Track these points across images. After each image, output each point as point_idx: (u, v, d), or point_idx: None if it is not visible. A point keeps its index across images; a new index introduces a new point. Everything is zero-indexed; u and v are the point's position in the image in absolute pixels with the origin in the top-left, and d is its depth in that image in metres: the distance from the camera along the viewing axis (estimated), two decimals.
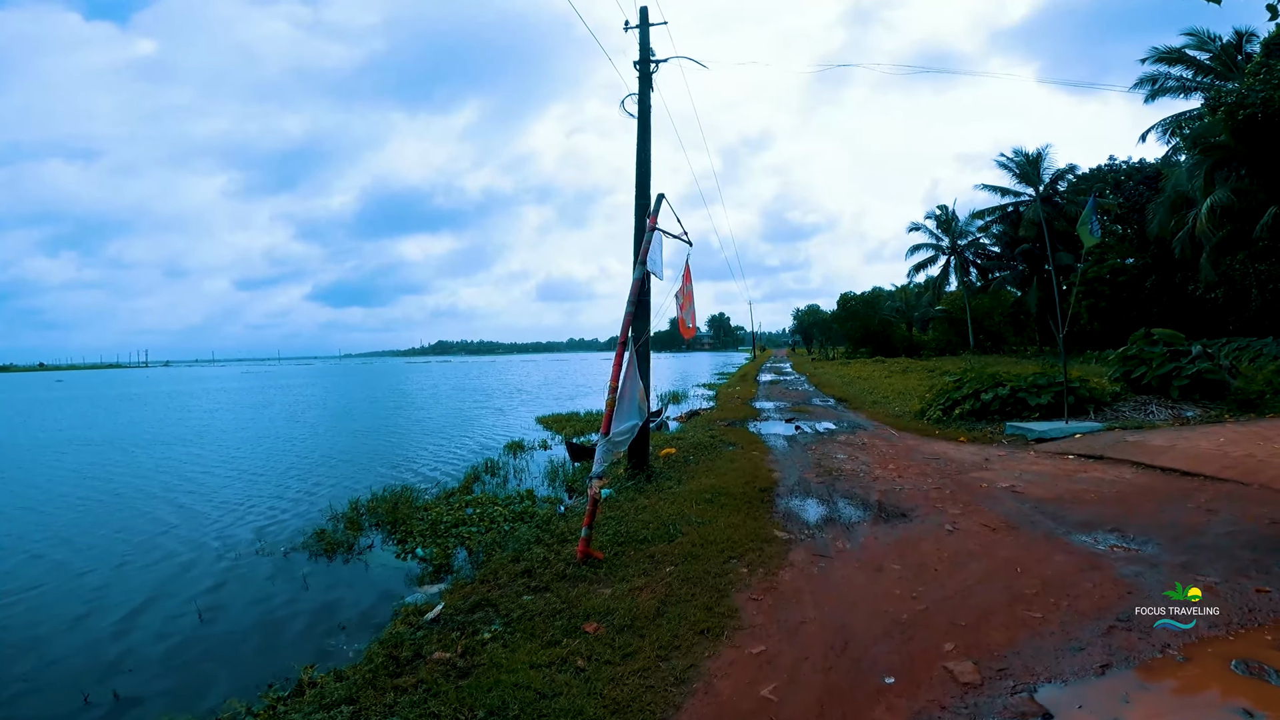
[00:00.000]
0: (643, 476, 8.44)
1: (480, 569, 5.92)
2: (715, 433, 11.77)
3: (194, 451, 16.42)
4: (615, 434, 5.49)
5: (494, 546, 6.67)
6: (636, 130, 9.78)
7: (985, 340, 43.90)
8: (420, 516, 8.22)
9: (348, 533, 7.93)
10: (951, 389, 11.98)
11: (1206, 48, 25.99)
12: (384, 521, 8.22)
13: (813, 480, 7.76)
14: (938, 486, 7.32)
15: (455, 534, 7.49)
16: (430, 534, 7.54)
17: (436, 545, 7.08)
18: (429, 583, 6.23)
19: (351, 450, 15.74)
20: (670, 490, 7.60)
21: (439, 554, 6.80)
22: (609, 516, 6.73)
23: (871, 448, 9.81)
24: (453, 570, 6.50)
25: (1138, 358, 12.37)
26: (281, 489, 11.22)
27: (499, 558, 5.95)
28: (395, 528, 7.94)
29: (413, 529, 7.75)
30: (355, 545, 7.52)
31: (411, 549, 7.16)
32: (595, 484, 5.41)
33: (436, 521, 7.91)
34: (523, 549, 6.10)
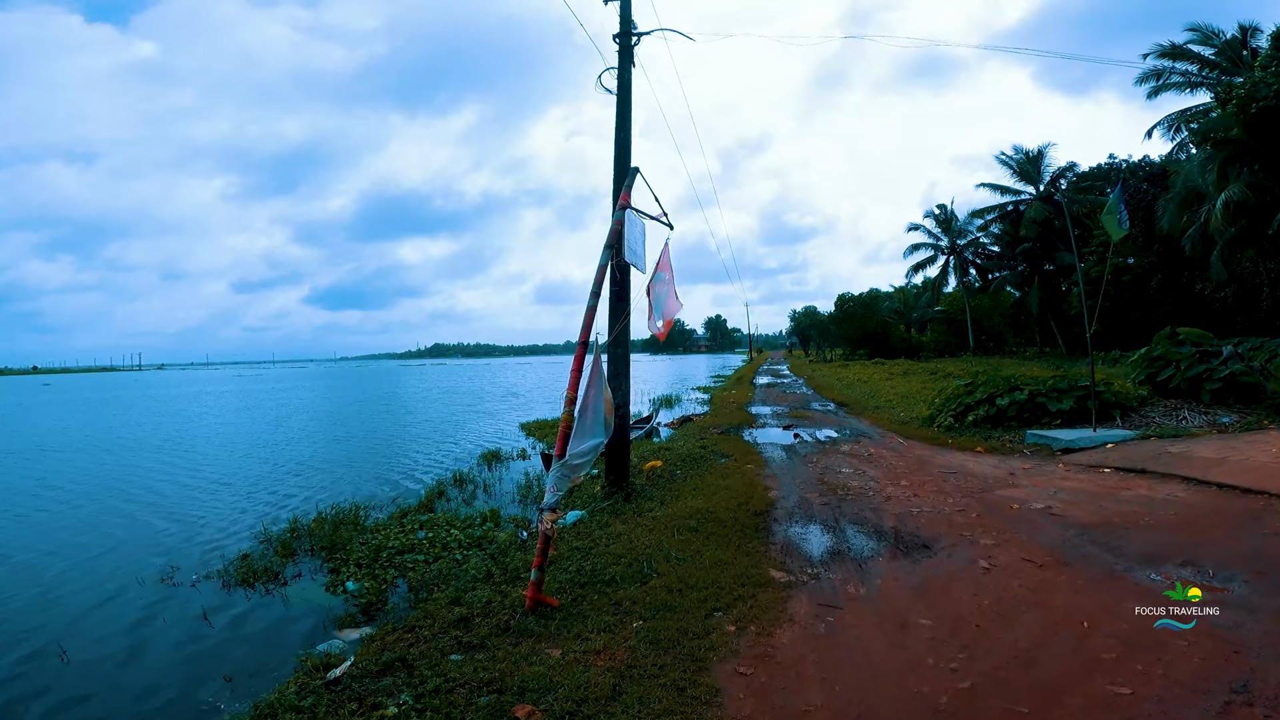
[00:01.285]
0: (620, 496, 7.41)
1: (415, 610, 4.95)
2: (707, 442, 10.74)
3: (164, 459, 15.64)
4: (573, 456, 4.46)
5: (439, 580, 5.71)
6: (615, 108, 8.79)
7: (988, 341, 43.04)
8: (365, 540, 7.21)
9: (278, 559, 6.98)
10: (963, 393, 10.98)
11: (1211, 43, 25.29)
12: (322, 546, 7.20)
13: (815, 501, 6.73)
14: (961, 508, 6.30)
15: (399, 563, 6.52)
16: (369, 563, 6.57)
17: (372, 578, 6.14)
18: (352, 625, 5.27)
19: (328, 458, 15.00)
20: (651, 514, 6.56)
21: (372, 589, 5.84)
22: (574, 548, 5.71)
23: (879, 459, 8.80)
24: (386, 608, 5.56)
25: (1164, 359, 11.40)
26: (246, 501, 10.45)
27: (437, 598, 4.98)
28: (333, 554, 6.94)
29: (350, 556, 6.76)
30: (282, 574, 6.58)
31: (343, 581, 6.15)
32: (547, 517, 4.37)
33: (380, 547, 6.90)
34: (467, 587, 5.12)
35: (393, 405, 32.14)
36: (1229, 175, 19.72)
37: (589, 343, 4.60)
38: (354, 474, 12.65)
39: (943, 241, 41.46)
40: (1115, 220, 8.86)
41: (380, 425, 22.01)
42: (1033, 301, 35.79)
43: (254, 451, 16.50)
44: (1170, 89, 26.55)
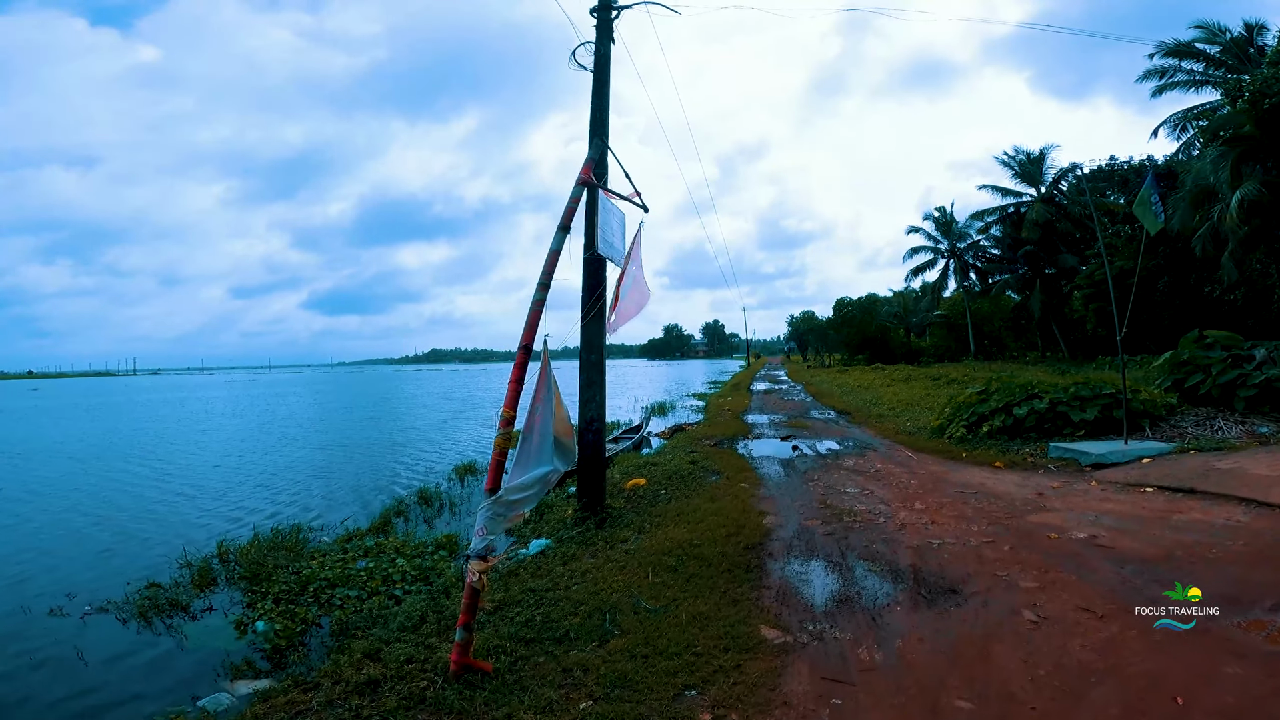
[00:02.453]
0: (594, 522, 6.46)
1: (326, 660, 4.14)
2: (698, 456, 9.79)
3: (132, 468, 14.93)
4: (510, 490, 3.52)
5: (366, 624, 4.83)
6: (591, 87, 7.89)
7: (990, 346, 42.21)
8: (297, 569, 6.29)
9: (192, 588, 6.16)
10: (976, 402, 10.06)
11: (1217, 40, 24.71)
12: (244, 576, 6.31)
13: (818, 530, 5.78)
14: (989, 538, 5.36)
15: (327, 599, 5.62)
16: (293, 598, 5.67)
17: (289, 617, 5.23)
18: (251, 675, 4.41)
19: (303, 468, 14.24)
20: (626, 545, 5.62)
21: (285, 630, 4.97)
22: (528, 589, 4.76)
23: (888, 476, 7.86)
24: (300, 655, 4.70)
25: (1192, 364, 10.51)
26: (201, 515, 9.74)
27: (353, 649, 4.08)
28: (255, 585, 6.04)
29: (272, 589, 5.82)
30: (191, 607, 5.78)
31: (255, 620, 5.26)
32: (473, 567, 3.42)
33: (311, 579, 6.00)
34: (390, 636, 4.25)
35: (381, 412, 31.42)
36: (1242, 173, 19.00)
37: (531, 348, 3.66)
38: (325, 486, 11.87)
39: (942, 244, 40.70)
40: (1150, 212, 7.98)
41: (364, 433, 21.29)
42: (1034, 305, 34.97)
43: (226, 460, 15.84)
44: (1175, 87, 25.94)
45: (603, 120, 7.66)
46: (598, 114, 7.67)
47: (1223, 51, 24.51)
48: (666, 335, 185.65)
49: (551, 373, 3.86)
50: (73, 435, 23.21)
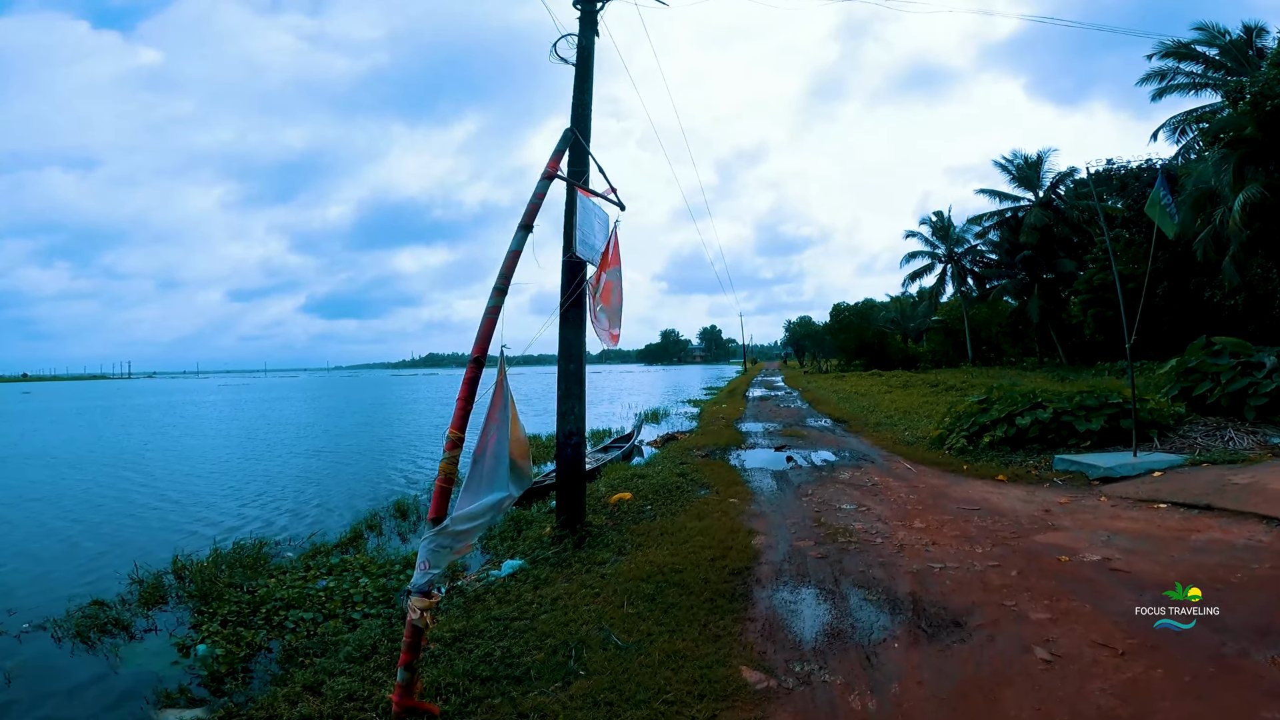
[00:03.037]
0: (572, 541, 6.05)
1: (266, 690, 3.82)
2: (687, 468, 9.39)
3: (111, 474, 14.54)
4: (458, 520, 3.13)
5: (320, 649, 4.52)
6: (574, 81, 7.53)
7: (988, 352, 41.93)
8: (251, 587, 5.93)
9: (138, 606, 5.80)
10: (977, 411, 9.67)
11: (1216, 42, 24.52)
12: (193, 594, 5.95)
13: (810, 552, 5.37)
14: (995, 561, 4.96)
15: (280, 621, 5.23)
16: (243, 619, 5.29)
17: (233, 641, 4.85)
18: (183, 704, 4.08)
19: (289, 475, 13.81)
20: (603, 569, 5.22)
21: (227, 655, 4.60)
22: (493, 617, 4.37)
23: (886, 491, 7.46)
24: (247, 678, 4.37)
25: (1199, 371, 10.14)
26: (180, 524, 9.38)
27: (294, 680, 3.75)
28: (207, 603, 5.67)
29: (222, 609, 5.46)
30: (133, 626, 5.41)
31: (197, 642, 4.91)
32: (415, 603, 3.02)
33: (266, 598, 5.61)
34: (336, 668, 3.91)
35: (373, 417, 31.04)
36: (1245, 175, 18.73)
37: (483, 359, 3.27)
38: (300, 496, 11.49)
39: (940, 249, 40.44)
40: (1164, 214, 7.64)
41: (354, 440, 20.93)
42: (1032, 311, 34.68)
43: (207, 468, 15.41)
44: (1175, 90, 25.74)
45: (584, 115, 7.31)
46: (579, 109, 7.31)
47: (1222, 54, 24.33)
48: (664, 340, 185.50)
49: (509, 389, 3.47)
50: (56, 440, 22.81)
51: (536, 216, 3.76)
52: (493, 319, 3.33)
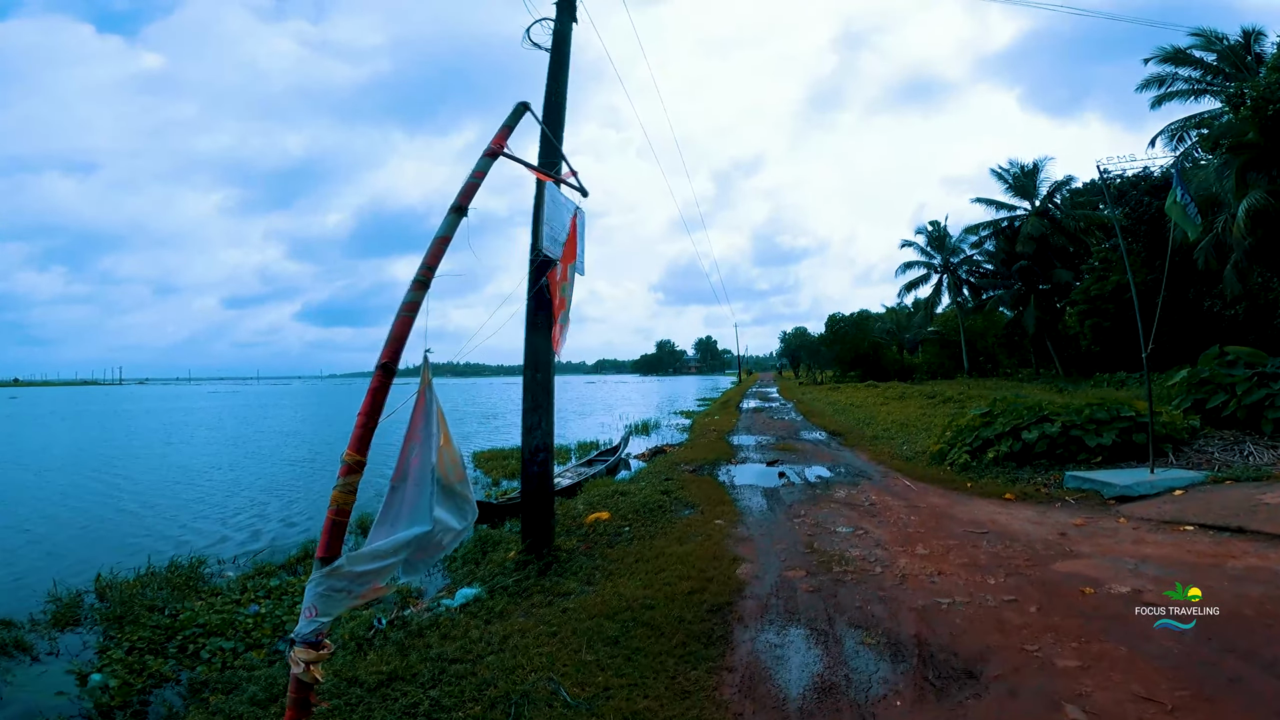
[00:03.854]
0: (537, 567, 5.43)
1: None
2: (673, 484, 8.78)
3: (83, 481, 14.10)
4: (361, 555, 2.52)
5: (228, 686, 3.97)
6: (547, 71, 7.01)
7: (985, 363, 41.52)
8: (175, 610, 5.37)
9: (48, 629, 5.29)
10: (980, 424, 9.10)
11: (1214, 47, 24.33)
12: (107, 617, 5.39)
13: (800, 583, 4.76)
14: (1010, 595, 4.37)
15: (196, 650, 4.68)
16: (155, 647, 4.79)
17: (136, 671, 4.36)
18: None
19: (255, 487, 13.13)
20: (566, 601, 4.61)
21: (123, 688, 4.12)
22: (430, 658, 3.78)
23: (885, 511, 6.87)
24: (141, 714, 3.93)
25: (1213, 382, 9.62)
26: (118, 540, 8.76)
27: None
28: (120, 627, 5.10)
29: (135, 634, 4.94)
30: (36, 649, 4.94)
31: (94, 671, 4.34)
32: (298, 655, 2.40)
33: (187, 624, 5.09)
34: (236, 711, 3.52)
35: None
36: (1248, 181, 18.40)
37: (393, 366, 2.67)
38: (271, 508, 10.85)
39: (935, 259, 40.10)
40: (1184, 214, 7.14)
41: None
42: (1029, 321, 34.30)
43: (181, 476, 14.84)
44: (1174, 97, 25.54)
45: (558, 104, 6.79)
46: (552, 97, 6.79)
47: (1220, 59, 24.13)
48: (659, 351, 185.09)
49: (435, 401, 2.88)
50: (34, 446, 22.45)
51: (473, 198, 3.19)
52: (409, 317, 2.74)
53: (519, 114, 3.83)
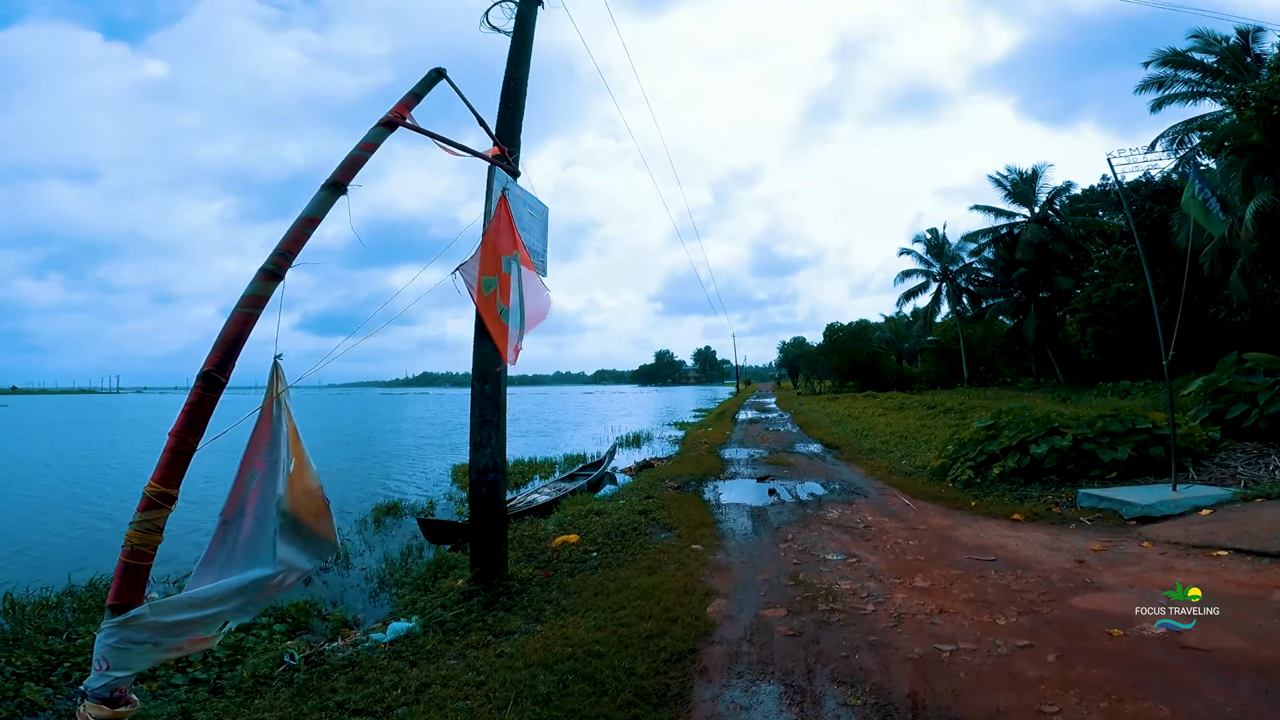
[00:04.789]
0: (483, 600, 4.78)
1: None
2: (654, 503, 8.12)
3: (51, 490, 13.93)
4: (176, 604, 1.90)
5: None
6: (508, 56, 6.43)
7: (985, 372, 40.88)
8: (75, 634, 4.79)
9: None
10: (984, 438, 8.44)
11: (1213, 49, 23.94)
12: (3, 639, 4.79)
13: (778, 625, 4.09)
14: (1024, 638, 3.72)
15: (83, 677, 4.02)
16: (36, 674, 4.29)
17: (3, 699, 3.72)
18: None
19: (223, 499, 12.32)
20: (504, 643, 3.95)
21: None
22: (330, 707, 3.20)
23: (881, 535, 6.21)
24: None
25: (1232, 391, 9.00)
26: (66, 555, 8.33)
27: None
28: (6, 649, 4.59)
29: (18, 659, 4.46)
30: None
31: None
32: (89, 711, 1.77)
33: (84, 650, 4.47)
34: None
35: (350, 437, 29.82)
36: (1254, 184, 17.89)
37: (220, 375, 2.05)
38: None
39: (934, 268, 39.59)
40: (1205, 210, 6.56)
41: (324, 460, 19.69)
42: (1029, 330, 33.69)
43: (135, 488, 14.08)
44: (1175, 100, 25.12)
45: (517, 90, 6.20)
46: (512, 84, 6.20)
47: (1220, 61, 23.74)
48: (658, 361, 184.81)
49: (286, 419, 2.26)
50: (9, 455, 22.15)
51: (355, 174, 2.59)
52: (249, 314, 2.13)
53: (431, 81, 3.23)
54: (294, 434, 2.39)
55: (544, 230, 5.96)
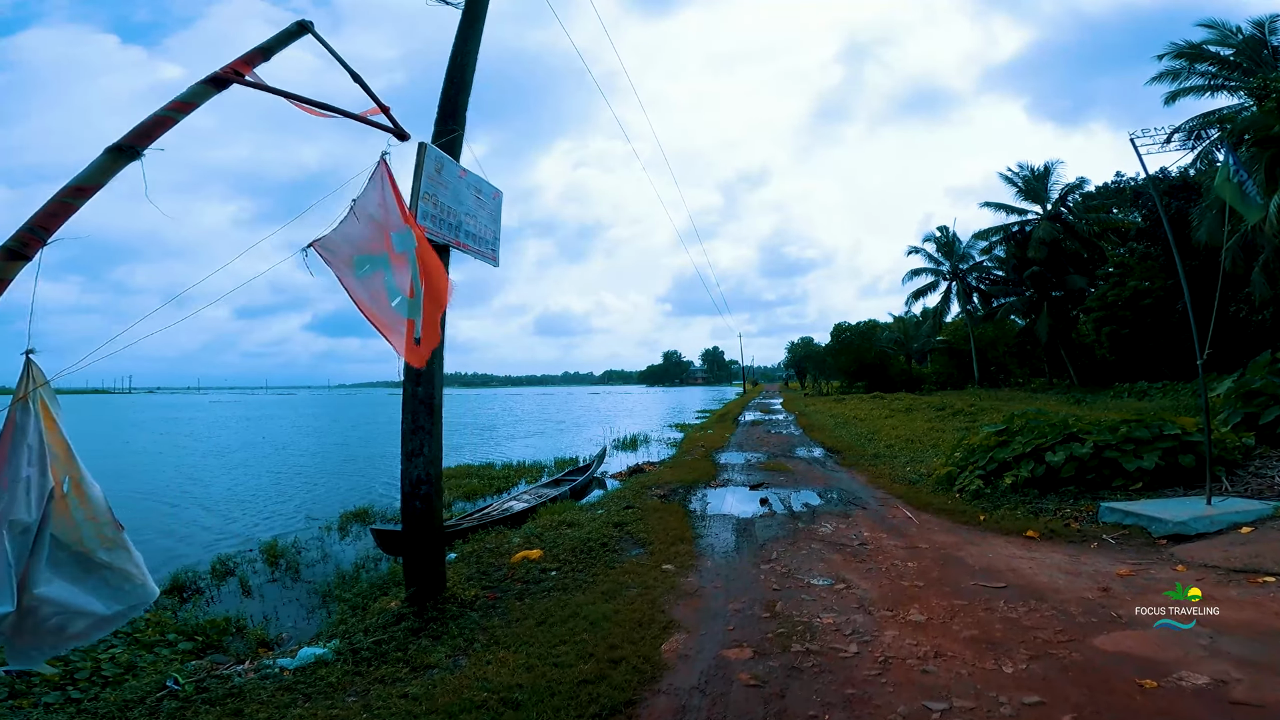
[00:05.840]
0: (408, 626, 4.17)
1: None
2: (632, 514, 7.48)
3: None
4: None
5: None
6: (458, 28, 5.79)
7: (996, 373, 39.90)
8: None
9: None
10: (995, 444, 7.73)
11: (1229, 42, 23.02)
12: None
13: (740, 671, 3.44)
14: (1035, 691, 3.05)
15: None
16: None
17: None
18: None
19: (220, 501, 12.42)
20: (415, 682, 3.34)
21: None
22: None
23: (877, 554, 5.53)
24: None
25: (1266, 394, 8.25)
26: None
27: None
28: None
29: None
30: None
31: None
32: None
33: None
34: None
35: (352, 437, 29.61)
36: (1277, 176, 17.04)
37: None
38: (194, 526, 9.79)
39: (944, 266, 38.66)
40: (1239, 193, 5.87)
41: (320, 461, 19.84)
42: (1041, 330, 32.72)
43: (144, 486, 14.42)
44: (1189, 93, 24.19)
45: (464, 67, 5.55)
46: (459, 58, 5.56)
47: (1237, 53, 22.83)
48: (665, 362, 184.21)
49: (37, 424, 1.66)
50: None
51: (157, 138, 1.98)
52: None
53: (291, 35, 2.62)
54: (60, 444, 1.79)
55: (494, 217, 5.36)
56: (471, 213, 4.96)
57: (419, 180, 4.31)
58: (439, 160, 4.57)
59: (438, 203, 4.53)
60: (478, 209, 5.03)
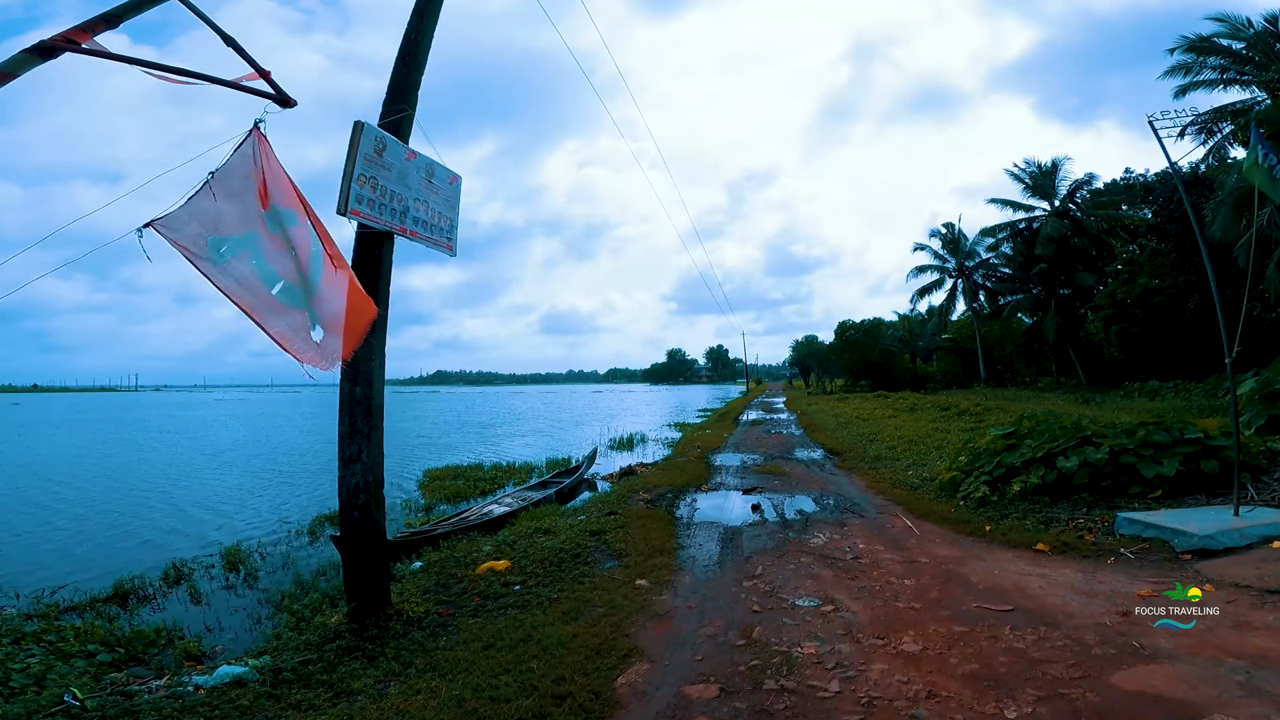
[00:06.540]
0: (345, 645, 3.75)
1: None
2: (612, 521, 7.03)
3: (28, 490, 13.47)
4: None
5: None
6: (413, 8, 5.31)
7: (1003, 372, 39.23)
8: None
9: None
10: (1003, 448, 7.21)
11: (1241, 35, 22.40)
12: None
13: (698, 713, 2.97)
14: None
15: None
16: None
17: None
18: None
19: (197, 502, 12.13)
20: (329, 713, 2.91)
21: None
22: None
23: (871, 569, 5.05)
24: None
25: None
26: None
27: None
28: None
29: None
30: None
31: None
32: None
33: None
34: None
35: None
36: None
37: None
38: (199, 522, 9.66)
39: (950, 264, 38.00)
40: (1268, 175, 5.40)
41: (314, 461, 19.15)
42: (1049, 328, 32.05)
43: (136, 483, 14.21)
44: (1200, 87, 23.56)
45: (419, 43, 5.08)
46: (414, 35, 5.08)
47: (1249, 47, 22.22)
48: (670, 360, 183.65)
49: None
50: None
51: None
52: None
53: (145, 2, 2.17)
54: None
55: (450, 202, 4.92)
56: (421, 198, 4.52)
57: (352, 162, 3.87)
58: (380, 140, 4.13)
59: (377, 186, 4.09)
60: (428, 194, 4.59)
